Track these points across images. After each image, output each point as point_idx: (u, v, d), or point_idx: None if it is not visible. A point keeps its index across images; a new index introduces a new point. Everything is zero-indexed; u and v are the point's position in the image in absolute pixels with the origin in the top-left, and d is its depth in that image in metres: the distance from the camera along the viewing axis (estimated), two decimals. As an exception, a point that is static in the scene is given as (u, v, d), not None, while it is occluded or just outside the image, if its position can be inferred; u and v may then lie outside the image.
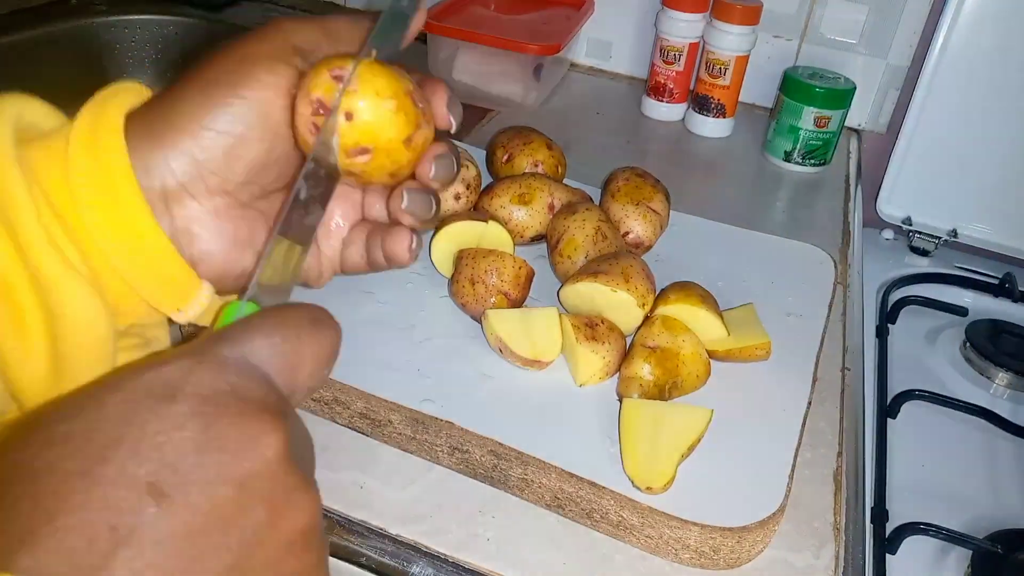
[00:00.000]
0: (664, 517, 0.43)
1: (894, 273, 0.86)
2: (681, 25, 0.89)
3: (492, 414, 0.48)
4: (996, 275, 0.86)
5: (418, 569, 0.43)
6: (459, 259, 0.55)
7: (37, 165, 0.28)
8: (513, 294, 0.54)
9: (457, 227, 0.57)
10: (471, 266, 0.54)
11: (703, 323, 0.52)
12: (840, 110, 0.84)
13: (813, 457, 0.51)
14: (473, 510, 0.46)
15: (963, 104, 0.86)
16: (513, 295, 0.54)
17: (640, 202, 0.61)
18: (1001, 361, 0.74)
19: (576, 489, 0.44)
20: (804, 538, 0.46)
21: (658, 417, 0.46)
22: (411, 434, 0.48)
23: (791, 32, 0.94)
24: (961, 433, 0.67)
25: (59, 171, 0.28)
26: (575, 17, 0.95)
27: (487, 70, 0.91)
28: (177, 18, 1.08)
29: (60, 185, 0.28)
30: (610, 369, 0.51)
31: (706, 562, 0.43)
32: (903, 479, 0.62)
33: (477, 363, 0.52)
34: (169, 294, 0.30)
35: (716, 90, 0.90)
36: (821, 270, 0.65)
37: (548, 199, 0.61)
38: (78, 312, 0.28)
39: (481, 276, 0.54)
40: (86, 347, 0.29)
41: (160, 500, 0.20)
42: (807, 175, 0.87)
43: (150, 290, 0.30)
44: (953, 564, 0.57)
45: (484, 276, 0.53)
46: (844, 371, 0.59)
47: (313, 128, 0.30)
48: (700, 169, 0.86)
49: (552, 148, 0.67)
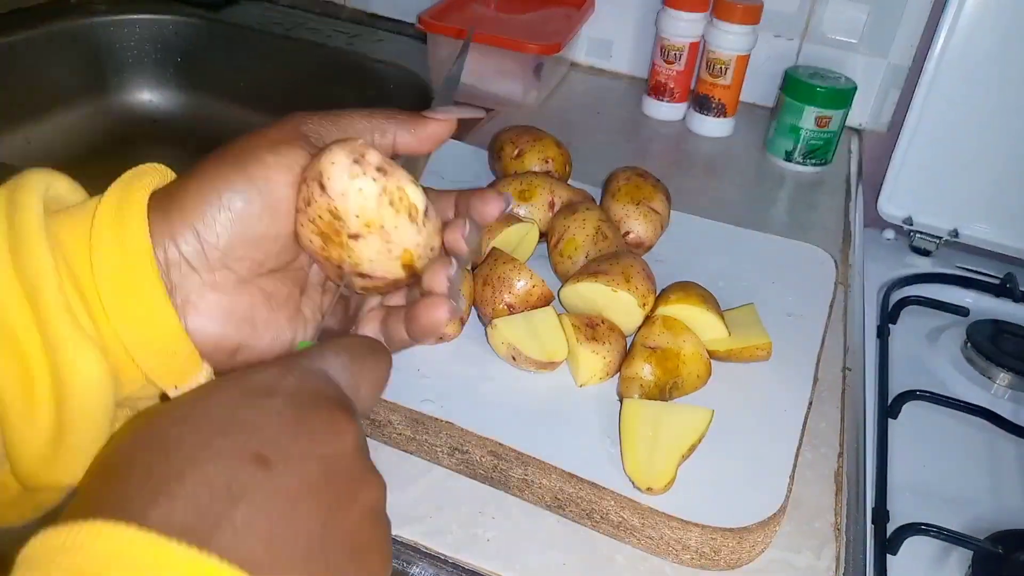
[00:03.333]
0: (665, 518, 0.43)
1: (895, 273, 0.86)
2: (682, 24, 0.89)
3: (492, 414, 0.48)
4: (997, 275, 0.86)
5: (418, 570, 0.43)
6: (488, 255, 0.55)
7: (62, 235, 0.30)
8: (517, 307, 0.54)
9: (506, 232, 0.58)
10: (490, 265, 0.54)
11: (704, 323, 0.52)
12: (841, 110, 0.84)
13: (814, 457, 0.51)
14: (473, 510, 0.46)
15: (964, 104, 0.85)
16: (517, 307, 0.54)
17: (641, 202, 0.61)
18: (1002, 361, 0.73)
19: (576, 490, 0.44)
20: (805, 539, 0.46)
21: (659, 417, 0.46)
22: (411, 434, 0.48)
23: (792, 31, 0.94)
24: (962, 433, 0.67)
25: (82, 243, 0.30)
26: (575, 16, 0.95)
27: (487, 70, 0.91)
28: (177, 18, 1.08)
29: (82, 256, 0.30)
30: (610, 369, 0.51)
31: (707, 563, 0.43)
32: (904, 479, 0.62)
33: (477, 363, 0.52)
34: (171, 371, 0.32)
35: (717, 90, 0.90)
36: (822, 270, 0.64)
37: (549, 197, 0.61)
38: (85, 379, 0.29)
39: (494, 281, 0.53)
40: (89, 414, 0.30)
41: (266, 467, 0.24)
42: (808, 175, 0.87)
43: (153, 365, 0.31)
44: (954, 565, 0.56)
45: (497, 283, 0.53)
46: (845, 371, 0.58)
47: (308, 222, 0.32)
48: (701, 169, 0.86)
49: (560, 147, 0.68)
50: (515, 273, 0.53)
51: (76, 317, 0.29)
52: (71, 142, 1.02)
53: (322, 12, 1.13)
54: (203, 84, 1.11)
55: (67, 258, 0.30)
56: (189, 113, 1.11)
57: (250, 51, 1.07)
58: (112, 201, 0.31)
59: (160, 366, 0.31)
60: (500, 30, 0.88)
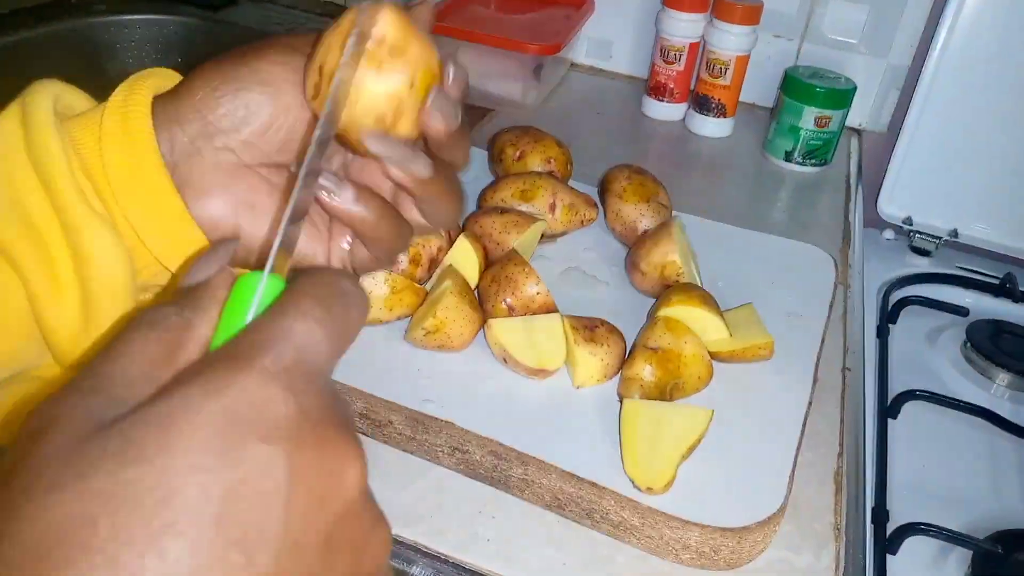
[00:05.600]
0: (664, 517, 0.43)
1: (895, 273, 0.86)
2: (682, 25, 0.89)
3: (492, 414, 0.48)
4: (997, 275, 0.86)
5: (418, 569, 0.43)
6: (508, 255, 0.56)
7: (73, 131, 0.31)
8: (517, 310, 0.54)
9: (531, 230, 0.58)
10: (501, 263, 0.55)
11: (705, 324, 0.52)
12: (841, 110, 0.84)
13: (813, 457, 0.51)
14: (473, 510, 0.46)
15: (964, 104, 0.85)
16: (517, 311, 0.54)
17: (650, 199, 0.62)
18: (1002, 361, 0.73)
19: (576, 489, 0.44)
20: (804, 538, 0.46)
21: (659, 418, 0.46)
22: (411, 434, 0.48)
23: (792, 32, 0.94)
24: (962, 433, 0.67)
25: (92, 138, 0.31)
26: (575, 17, 0.95)
27: (487, 70, 0.91)
28: (177, 18, 1.08)
29: (92, 150, 0.31)
30: (608, 371, 0.51)
31: (706, 562, 0.43)
32: (904, 479, 0.62)
33: (477, 363, 0.52)
34: (178, 252, 0.33)
35: (717, 90, 0.90)
36: (822, 270, 0.64)
37: (550, 199, 0.61)
38: (104, 255, 0.31)
39: (501, 280, 0.54)
40: (112, 289, 0.31)
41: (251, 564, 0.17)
42: (808, 175, 0.87)
43: (162, 248, 0.32)
44: (954, 564, 0.56)
45: (505, 282, 0.53)
46: (845, 371, 0.59)
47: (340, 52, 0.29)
48: (700, 169, 0.86)
49: (561, 146, 0.68)
50: (524, 277, 0.53)
51: (90, 202, 0.31)
52: (71, 142, 1.02)
53: (322, 12, 1.14)
54: (203, 84, 1.11)
55: (79, 152, 0.31)
56: (189, 113, 1.11)
57: (250, 51, 1.07)
58: (118, 99, 0.32)
59: (168, 248, 0.32)
60: (500, 30, 0.88)
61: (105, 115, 0.32)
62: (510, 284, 0.53)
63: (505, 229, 0.58)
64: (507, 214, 0.58)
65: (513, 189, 0.61)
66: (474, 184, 0.69)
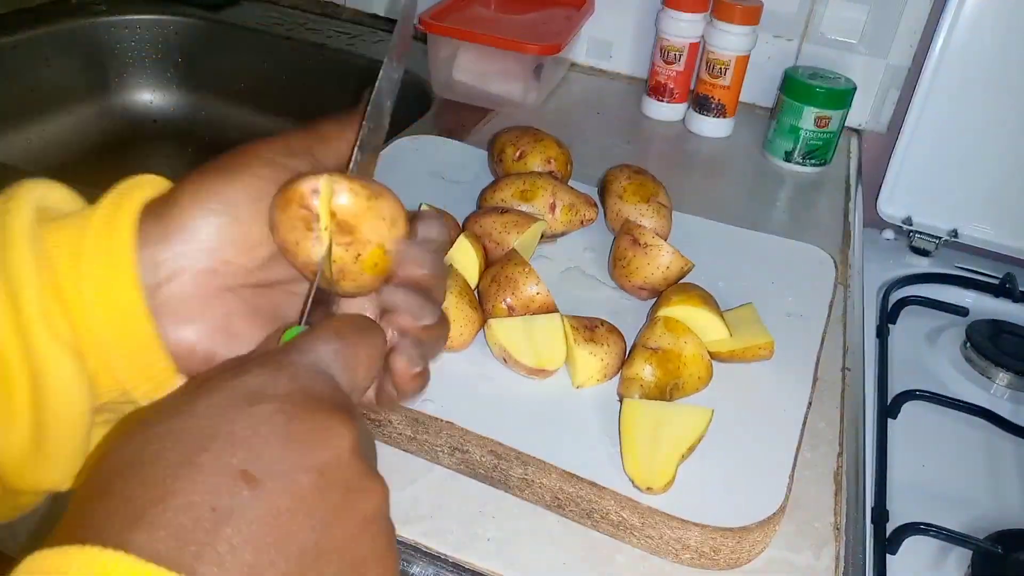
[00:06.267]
0: (664, 517, 0.43)
1: (895, 273, 0.86)
2: (681, 25, 0.89)
3: (492, 414, 0.48)
4: (997, 275, 0.86)
5: (418, 569, 0.43)
6: (508, 254, 0.56)
7: (51, 242, 0.30)
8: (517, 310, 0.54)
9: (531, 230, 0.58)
10: (501, 264, 0.54)
11: (705, 324, 0.52)
12: (840, 110, 0.84)
13: (813, 457, 0.51)
14: (473, 510, 0.46)
15: (963, 104, 0.85)
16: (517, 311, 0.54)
17: (650, 198, 0.62)
18: (1002, 361, 0.74)
19: (576, 489, 0.44)
20: (804, 538, 0.46)
21: (658, 417, 0.46)
22: (411, 434, 0.48)
23: (791, 32, 0.94)
24: (962, 433, 0.67)
25: (71, 252, 0.30)
26: (575, 17, 0.95)
27: (487, 70, 0.91)
28: (177, 18, 1.08)
29: (68, 264, 0.30)
30: (608, 371, 0.51)
31: (706, 562, 0.43)
32: (904, 479, 0.62)
33: (477, 363, 0.52)
34: (146, 381, 0.32)
35: (716, 90, 0.90)
36: (821, 270, 0.64)
37: (550, 199, 0.61)
38: (63, 385, 0.29)
39: (501, 280, 0.53)
40: (67, 419, 0.30)
41: (252, 485, 0.23)
42: (807, 175, 0.87)
43: (128, 375, 0.31)
44: (954, 564, 0.56)
45: (505, 282, 0.53)
46: (844, 371, 0.59)
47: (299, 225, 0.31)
48: (700, 169, 0.86)
49: (561, 147, 0.68)
50: (523, 277, 0.53)
51: (54, 324, 0.29)
52: (72, 142, 1.02)
53: (322, 12, 1.14)
54: (203, 84, 1.11)
55: (53, 266, 0.30)
56: (189, 113, 1.12)
57: (250, 51, 1.07)
58: (105, 212, 0.31)
59: (133, 374, 0.31)
60: (500, 30, 0.88)
61: (88, 231, 0.31)
62: (510, 284, 0.53)
63: (505, 229, 0.58)
64: (507, 214, 0.58)
65: (513, 189, 0.62)
66: (474, 184, 0.69)
